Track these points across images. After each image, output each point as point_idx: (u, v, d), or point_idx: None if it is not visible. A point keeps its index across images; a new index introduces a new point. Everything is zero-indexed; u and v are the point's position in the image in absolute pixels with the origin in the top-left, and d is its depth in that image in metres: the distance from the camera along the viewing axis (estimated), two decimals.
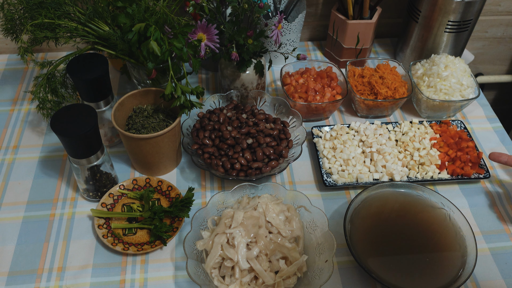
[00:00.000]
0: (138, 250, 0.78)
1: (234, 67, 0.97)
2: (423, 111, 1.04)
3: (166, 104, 0.91)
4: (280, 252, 0.73)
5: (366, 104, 1.01)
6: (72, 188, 0.90)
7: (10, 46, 1.20)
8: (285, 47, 1.14)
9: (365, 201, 0.83)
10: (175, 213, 0.82)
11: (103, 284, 0.76)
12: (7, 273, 0.77)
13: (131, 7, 0.81)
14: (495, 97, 1.56)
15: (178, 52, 0.80)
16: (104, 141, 0.96)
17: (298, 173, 0.94)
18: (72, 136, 0.73)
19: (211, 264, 0.72)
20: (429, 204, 0.83)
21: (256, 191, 0.82)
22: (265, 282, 0.71)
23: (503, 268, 0.80)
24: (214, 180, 0.92)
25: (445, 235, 0.79)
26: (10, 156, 0.96)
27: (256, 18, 0.91)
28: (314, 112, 1.01)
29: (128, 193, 0.87)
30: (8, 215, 0.85)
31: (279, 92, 1.12)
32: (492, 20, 1.29)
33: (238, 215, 0.74)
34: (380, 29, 1.26)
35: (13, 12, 0.84)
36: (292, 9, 1.10)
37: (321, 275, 0.71)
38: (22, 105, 1.07)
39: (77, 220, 0.85)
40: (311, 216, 0.79)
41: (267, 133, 0.89)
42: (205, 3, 0.87)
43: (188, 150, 0.88)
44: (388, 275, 0.73)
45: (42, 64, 0.89)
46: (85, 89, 0.85)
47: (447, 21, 1.03)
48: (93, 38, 0.86)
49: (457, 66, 1.01)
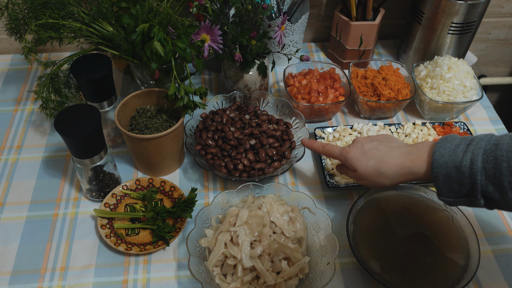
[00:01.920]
0: (141, 250, 0.78)
1: (237, 68, 0.97)
2: (426, 112, 1.04)
3: (169, 105, 0.91)
4: (283, 252, 0.73)
5: (369, 105, 1.01)
6: (75, 188, 0.90)
7: (14, 46, 1.21)
8: (288, 48, 1.14)
9: (367, 202, 0.83)
10: (178, 214, 0.82)
11: (105, 284, 0.76)
12: (10, 272, 0.78)
13: (135, 7, 0.81)
14: (498, 99, 1.56)
15: (181, 53, 0.80)
16: (108, 141, 0.96)
17: (300, 174, 0.94)
18: (75, 136, 0.73)
19: (214, 261, 0.72)
20: (432, 206, 0.83)
21: (261, 191, 0.82)
22: (267, 282, 0.70)
23: (506, 270, 0.79)
24: (217, 180, 0.92)
25: (448, 237, 0.79)
26: (14, 156, 0.96)
27: (259, 19, 0.91)
28: (317, 113, 1.01)
29: (131, 193, 0.87)
30: (12, 214, 0.86)
31: (282, 93, 1.12)
32: (495, 22, 1.29)
33: (243, 214, 0.74)
34: (383, 31, 1.26)
35: (18, 12, 0.84)
36: (295, 10, 1.10)
37: (322, 277, 0.71)
38: (26, 105, 1.07)
39: (80, 220, 0.85)
40: (315, 218, 0.79)
41: (270, 134, 0.89)
42: (208, 4, 0.87)
43: (191, 151, 0.88)
44: (391, 276, 0.73)
45: (45, 64, 0.89)
46: (89, 89, 0.85)
47: (451, 23, 1.03)
48: (97, 39, 0.86)
49: (460, 67, 1.00)
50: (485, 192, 0.60)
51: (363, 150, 0.74)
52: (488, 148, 0.60)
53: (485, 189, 0.60)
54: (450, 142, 0.64)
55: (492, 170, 0.58)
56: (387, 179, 0.71)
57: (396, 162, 0.70)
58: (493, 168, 0.58)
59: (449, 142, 0.64)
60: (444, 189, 0.64)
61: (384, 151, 0.72)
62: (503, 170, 0.57)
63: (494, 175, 0.58)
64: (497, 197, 0.60)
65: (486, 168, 0.59)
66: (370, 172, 0.73)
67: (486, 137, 0.62)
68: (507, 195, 0.58)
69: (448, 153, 0.63)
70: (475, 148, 0.61)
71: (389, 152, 0.72)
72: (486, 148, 0.60)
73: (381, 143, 0.74)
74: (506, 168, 0.57)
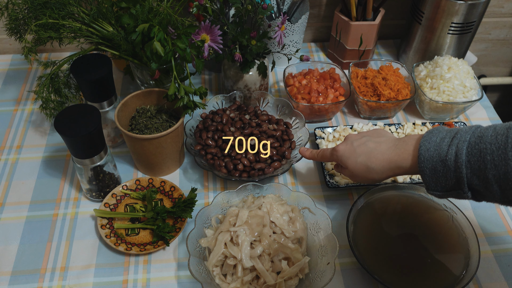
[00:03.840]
0: (141, 250, 0.78)
1: (237, 68, 0.97)
2: (426, 112, 1.04)
3: (169, 105, 0.91)
4: (283, 252, 0.73)
5: (369, 105, 1.01)
6: (75, 188, 0.90)
7: (14, 46, 1.21)
8: (288, 48, 1.14)
9: (367, 202, 0.83)
10: (178, 214, 0.82)
11: (105, 284, 0.76)
12: (10, 272, 0.78)
13: (135, 7, 0.81)
14: (498, 99, 1.56)
15: (181, 53, 0.80)
16: (107, 141, 0.96)
17: (300, 174, 0.94)
18: (75, 136, 0.73)
19: (214, 261, 0.72)
20: (432, 206, 0.83)
21: (261, 191, 0.82)
22: (267, 282, 0.71)
23: (505, 270, 0.79)
24: (217, 180, 0.92)
25: (448, 237, 0.79)
26: (14, 156, 0.96)
27: (259, 19, 0.91)
28: (317, 113, 1.01)
29: (131, 193, 0.87)
30: (12, 214, 0.86)
31: (282, 93, 1.12)
32: (495, 22, 1.29)
33: (243, 214, 0.74)
34: (383, 31, 1.26)
35: (18, 12, 0.84)
36: (295, 11, 1.10)
37: (322, 277, 0.71)
38: (26, 105, 1.07)
39: (80, 220, 0.85)
40: (315, 218, 0.79)
41: (270, 134, 0.89)
42: (208, 4, 0.87)
43: (191, 151, 0.88)
44: (390, 276, 0.73)
45: (45, 64, 0.89)
46: (89, 90, 0.85)
47: (451, 23, 1.03)
48: (97, 39, 0.86)
49: (460, 67, 1.00)
50: (471, 185, 0.60)
51: (353, 147, 0.75)
52: (472, 141, 0.59)
53: (471, 182, 0.59)
54: (435, 136, 0.64)
55: (476, 163, 0.58)
56: (376, 174, 0.72)
57: (383, 157, 0.70)
58: (478, 161, 0.58)
59: (434, 135, 0.64)
60: (431, 183, 0.63)
61: (372, 147, 0.73)
62: (487, 163, 0.57)
63: (479, 168, 0.58)
64: (483, 190, 0.59)
65: (471, 161, 0.58)
66: (360, 168, 0.73)
67: (470, 129, 0.61)
68: (492, 188, 0.58)
69: (434, 147, 0.62)
70: (459, 141, 0.60)
71: (377, 147, 0.72)
72: (471, 141, 0.59)
73: (370, 139, 0.74)
74: (490, 161, 0.57)
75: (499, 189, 0.58)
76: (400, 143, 0.70)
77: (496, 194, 0.58)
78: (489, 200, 0.62)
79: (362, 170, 0.73)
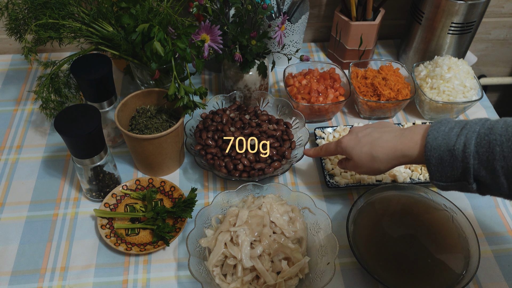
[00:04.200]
0: (141, 250, 0.78)
1: (237, 68, 0.97)
2: (426, 112, 1.04)
3: (169, 105, 0.91)
4: (283, 252, 0.73)
5: (369, 105, 1.01)
6: (75, 188, 0.90)
7: (14, 46, 1.21)
8: (288, 48, 1.14)
9: (367, 202, 0.83)
10: (178, 214, 0.82)
11: (105, 284, 0.77)
12: (10, 272, 0.78)
13: (135, 7, 0.81)
14: (498, 99, 1.56)
15: (181, 53, 0.80)
16: (107, 141, 0.96)
17: (300, 174, 0.94)
18: (75, 136, 0.73)
19: (214, 261, 0.72)
20: (432, 206, 0.83)
21: (261, 191, 0.82)
22: (267, 282, 0.71)
23: (506, 270, 0.79)
24: (217, 180, 0.92)
25: (448, 237, 0.79)
26: (14, 156, 0.96)
27: (259, 19, 0.91)
28: (317, 113, 1.01)
29: (131, 193, 0.87)
30: (12, 214, 0.86)
31: (282, 93, 1.12)
32: (496, 22, 1.29)
33: (243, 214, 0.74)
34: (383, 31, 1.26)
35: (18, 12, 0.84)
36: (295, 10, 1.10)
37: (322, 277, 0.71)
38: (26, 105, 1.07)
39: (80, 220, 0.85)
40: (315, 218, 0.79)
41: (270, 134, 0.89)
42: (208, 4, 0.87)
43: (191, 151, 0.88)
44: (391, 276, 0.73)
45: (45, 64, 0.89)
46: (89, 90, 0.85)
47: (451, 23, 1.03)
48: (97, 39, 0.86)
49: (460, 68, 1.00)
50: (477, 176, 0.60)
51: (357, 138, 0.75)
52: (482, 132, 0.59)
53: (478, 173, 0.59)
54: (444, 125, 0.63)
55: (485, 154, 0.58)
56: (381, 163, 0.71)
57: (388, 145, 0.70)
58: (486, 152, 0.58)
59: (443, 125, 0.63)
60: (437, 173, 0.63)
61: (377, 136, 0.72)
62: (496, 154, 0.57)
63: (487, 159, 0.58)
64: (489, 182, 0.59)
65: (479, 152, 0.58)
66: (364, 158, 0.73)
67: (480, 121, 0.61)
68: (499, 179, 0.58)
69: (442, 136, 0.62)
70: (468, 132, 0.60)
71: (382, 136, 0.72)
72: (480, 132, 0.59)
73: (374, 130, 0.74)
74: (499, 152, 0.56)
75: (506, 182, 0.57)
76: (406, 132, 0.69)
77: (503, 186, 0.58)
78: (494, 194, 0.61)
79: (366, 160, 0.73)
